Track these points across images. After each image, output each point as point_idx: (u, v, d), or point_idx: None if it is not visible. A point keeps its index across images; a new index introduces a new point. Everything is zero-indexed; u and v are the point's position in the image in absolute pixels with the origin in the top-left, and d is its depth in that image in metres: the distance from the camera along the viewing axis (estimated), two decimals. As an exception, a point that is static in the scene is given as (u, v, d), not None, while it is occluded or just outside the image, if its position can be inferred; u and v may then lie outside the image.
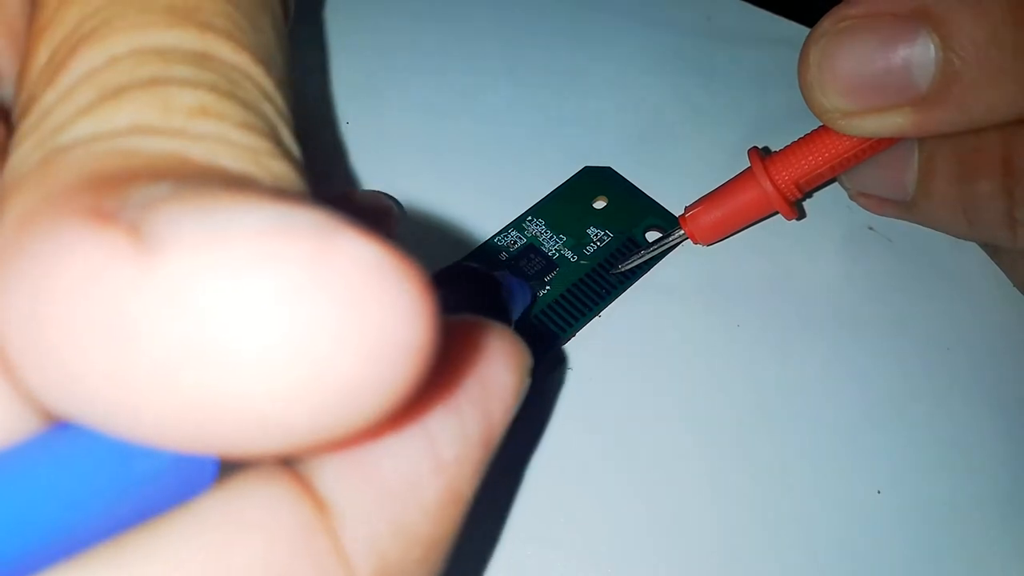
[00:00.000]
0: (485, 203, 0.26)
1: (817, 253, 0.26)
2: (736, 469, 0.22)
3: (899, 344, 0.24)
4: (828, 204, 0.27)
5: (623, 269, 0.25)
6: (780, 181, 0.23)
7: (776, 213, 0.24)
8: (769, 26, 0.31)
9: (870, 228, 0.26)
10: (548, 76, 0.30)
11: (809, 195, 0.26)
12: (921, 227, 0.26)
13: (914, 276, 0.26)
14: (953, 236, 0.25)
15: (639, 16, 0.31)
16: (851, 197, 0.26)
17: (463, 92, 0.29)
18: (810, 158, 0.23)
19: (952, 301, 0.25)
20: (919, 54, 0.19)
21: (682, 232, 0.25)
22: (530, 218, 0.26)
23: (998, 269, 0.26)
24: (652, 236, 0.26)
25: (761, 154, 0.24)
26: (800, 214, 0.26)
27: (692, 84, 0.30)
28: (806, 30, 0.21)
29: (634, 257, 0.25)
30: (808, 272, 0.26)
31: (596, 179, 0.27)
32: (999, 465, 0.23)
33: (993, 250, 0.26)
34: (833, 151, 0.22)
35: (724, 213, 0.24)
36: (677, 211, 0.25)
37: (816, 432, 0.23)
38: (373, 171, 0.27)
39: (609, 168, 0.27)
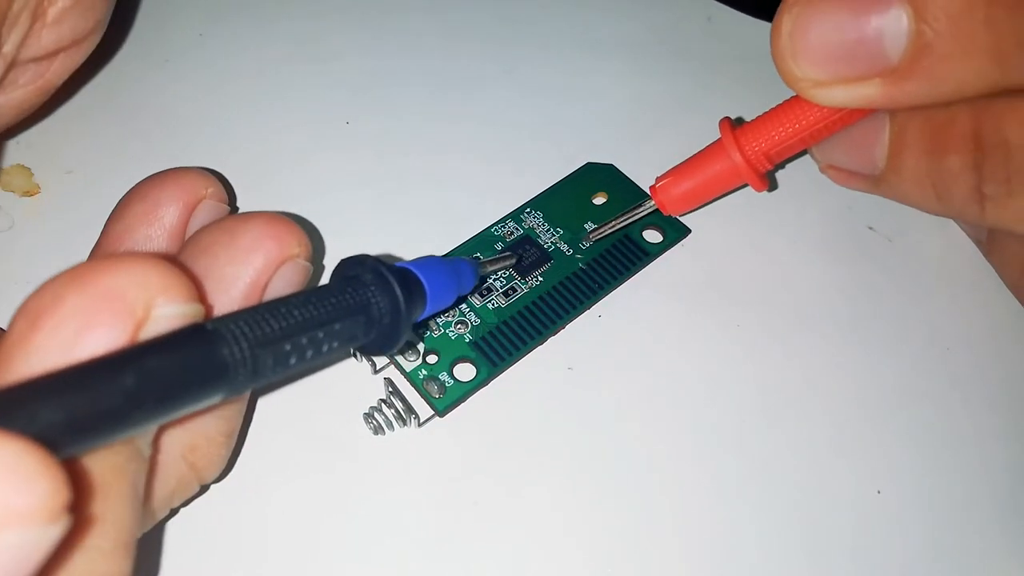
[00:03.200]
0: (488, 195, 0.26)
1: (817, 253, 0.26)
2: (736, 469, 0.22)
3: (899, 344, 0.24)
4: (829, 204, 0.27)
5: (593, 240, 0.25)
6: (750, 152, 0.23)
7: (746, 184, 0.24)
8: (770, 26, 0.31)
9: (870, 228, 0.26)
10: (551, 75, 0.30)
11: (781, 166, 0.25)
12: (921, 227, 0.26)
13: (914, 276, 0.25)
14: (922, 211, 0.24)
15: (641, 17, 0.31)
16: (821, 170, 0.25)
17: (465, 91, 0.29)
18: (780, 128, 0.22)
19: (952, 301, 0.25)
20: (891, 25, 0.19)
21: (652, 203, 0.24)
22: (529, 210, 0.26)
23: (997, 269, 0.25)
24: (650, 235, 0.26)
25: (733, 125, 0.23)
26: (771, 186, 0.26)
27: (694, 85, 0.30)
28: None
29: (604, 227, 0.25)
30: (808, 272, 0.26)
31: (598, 175, 0.27)
32: (999, 465, 0.22)
33: (987, 249, 0.26)
34: (804, 122, 0.22)
35: (694, 184, 0.24)
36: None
37: (816, 432, 0.23)
38: (373, 171, 0.27)
39: (611, 165, 0.27)
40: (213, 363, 0.14)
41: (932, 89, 0.20)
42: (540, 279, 0.24)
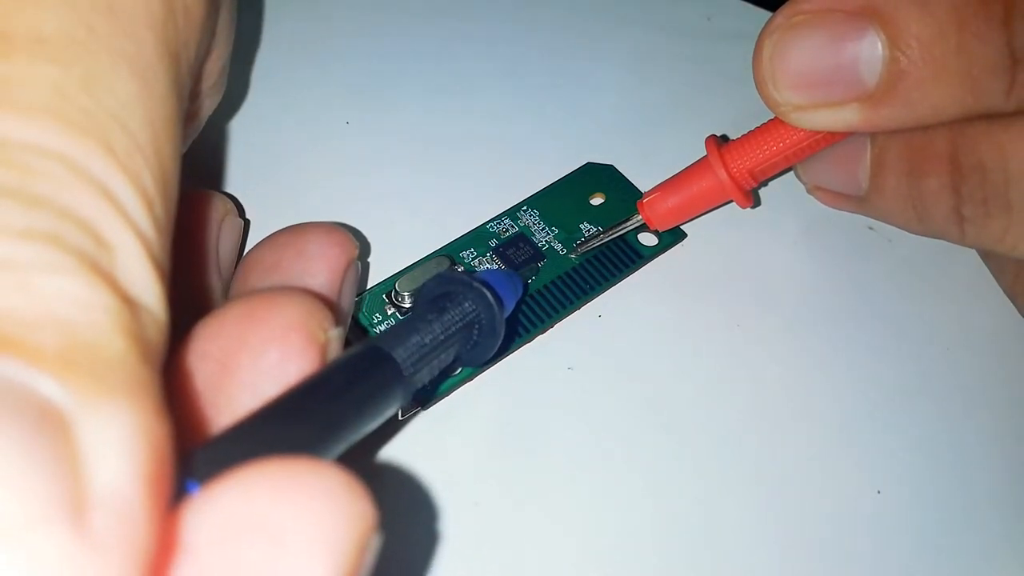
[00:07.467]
0: (488, 194, 0.26)
1: (817, 253, 0.26)
2: (736, 469, 0.22)
3: (899, 344, 0.24)
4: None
5: (580, 252, 0.25)
6: (735, 170, 0.23)
7: (731, 201, 0.24)
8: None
9: (870, 228, 0.26)
10: (550, 75, 0.30)
11: (765, 184, 0.26)
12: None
13: (913, 276, 0.25)
14: (906, 231, 0.25)
15: (640, 17, 0.31)
16: (808, 191, 0.26)
17: (466, 91, 0.29)
18: (765, 148, 0.23)
19: (952, 301, 0.25)
20: (867, 51, 0.20)
21: (639, 217, 0.25)
22: (525, 208, 0.26)
23: (997, 269, 0.25)
24: (645, 238, 0.25)
25: (719, 142, 0.24)
26: (755, 203, 0.26)
27: (695, 85, 0.30)
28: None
29: (592, 239, 0.25)
30: (808, 272, 0.25)
31: (597, 176, 0.27)
32: (999, 465, 0.22)
33: (984, 254, 0.26)
34: (787, 141, 0.22)
35: (681, 200, 0.24)
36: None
37: (816, 432, 0.22)
38: (373, 170, 0.27)
39: (611, 166, 0.27)
40: (397, 377, 0.16)
41: (908, 114, 0.20)
42: (532, 277, 0.24)
